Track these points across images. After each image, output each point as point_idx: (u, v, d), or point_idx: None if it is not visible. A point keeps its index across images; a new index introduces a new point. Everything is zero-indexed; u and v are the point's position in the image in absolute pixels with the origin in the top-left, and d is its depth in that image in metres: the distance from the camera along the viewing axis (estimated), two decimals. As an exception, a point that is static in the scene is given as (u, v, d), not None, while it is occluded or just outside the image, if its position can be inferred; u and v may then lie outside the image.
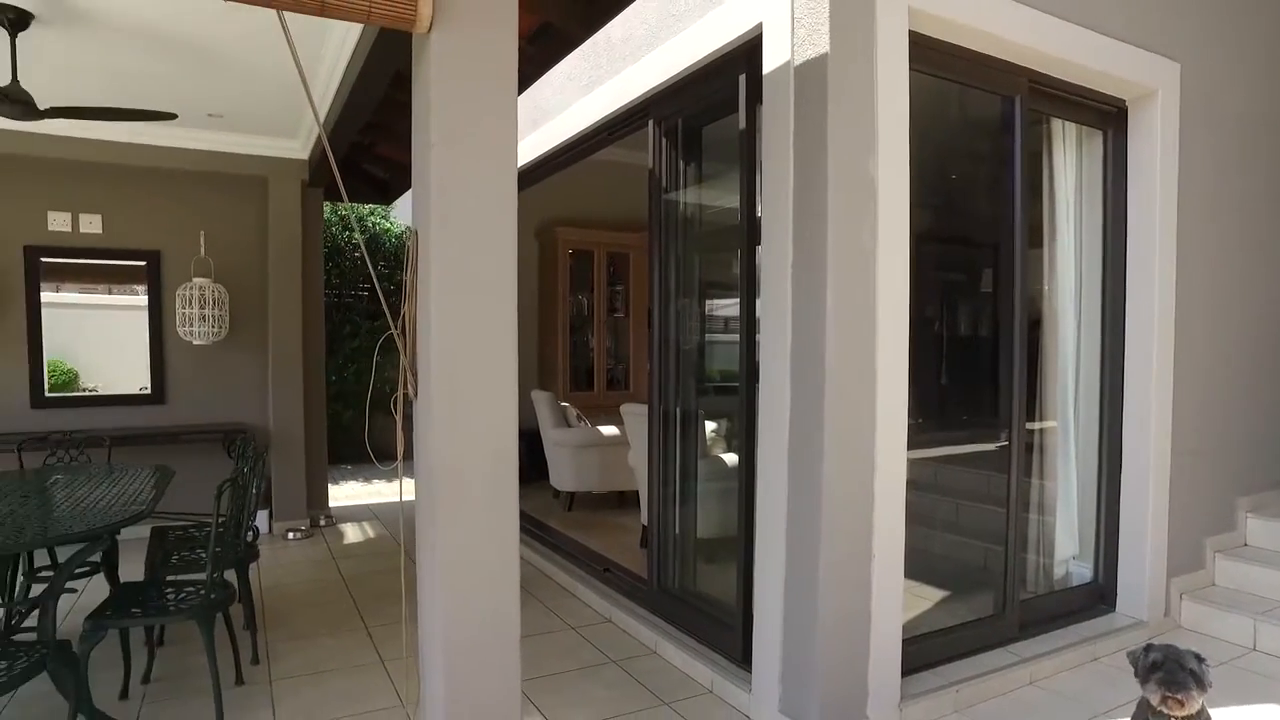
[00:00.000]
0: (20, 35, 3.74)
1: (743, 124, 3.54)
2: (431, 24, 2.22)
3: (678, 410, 4.24)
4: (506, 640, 2.46)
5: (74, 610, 4.48)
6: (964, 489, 4.34)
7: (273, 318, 6.44)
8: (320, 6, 2.07)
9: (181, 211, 6.32)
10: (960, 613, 3.93)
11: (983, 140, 4.17)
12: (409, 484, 2.65)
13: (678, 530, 4.29)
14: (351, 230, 9.66)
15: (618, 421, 6.20)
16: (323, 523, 6.81)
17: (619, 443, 6.28)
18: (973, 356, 4.40)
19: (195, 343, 6.12)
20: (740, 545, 3.57)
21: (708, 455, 4.34)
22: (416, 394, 2.41)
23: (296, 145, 6.34)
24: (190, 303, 6.04)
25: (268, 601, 4.82)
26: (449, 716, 2.40)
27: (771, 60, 3.20)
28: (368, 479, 9.10)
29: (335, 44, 4.26)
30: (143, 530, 4.57)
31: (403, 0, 2.16)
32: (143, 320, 6.34)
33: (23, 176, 5.84)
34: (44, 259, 5.93)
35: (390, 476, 9.00)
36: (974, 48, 3.46)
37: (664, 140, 4.25)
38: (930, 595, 4.03)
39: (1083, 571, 4.37)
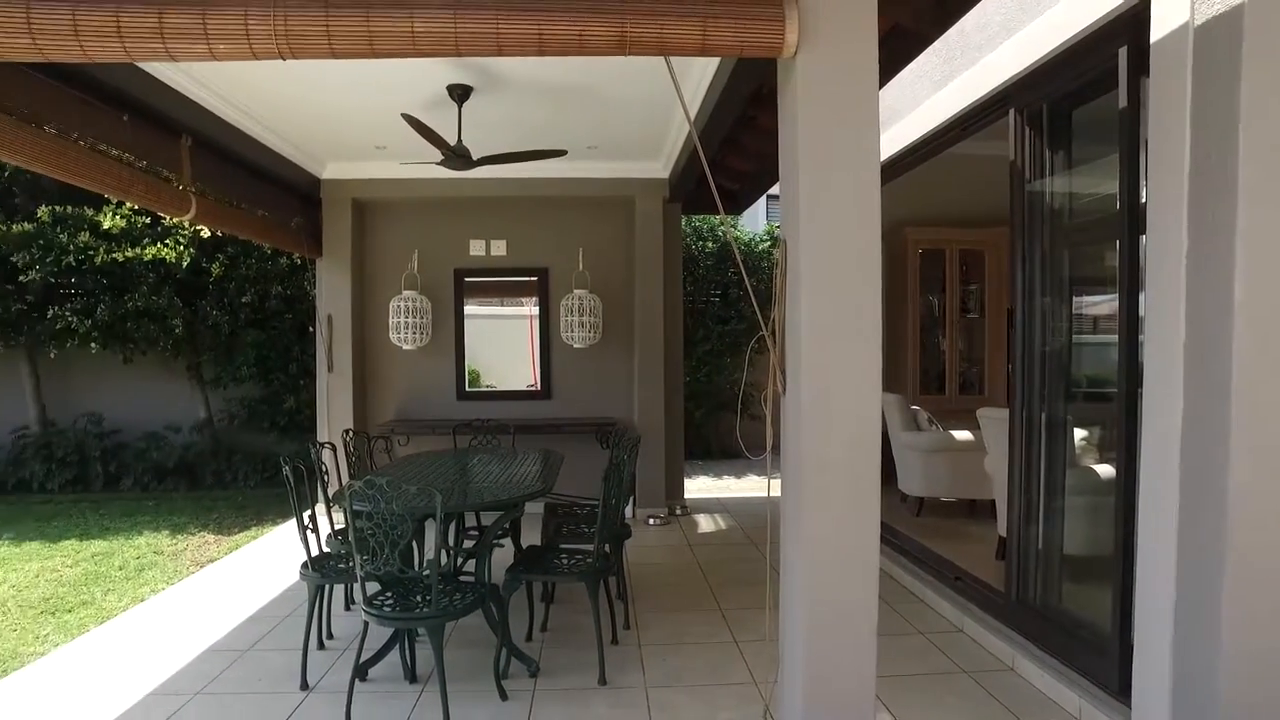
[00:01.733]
0: (464, 104, 4.71)
1: (1123, 101, 3.23)
2: (797, 49, 2.41)
3: (1042, 416, 3.97)
4: (864, 630, 2.55)
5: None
6: None
7: (638, 323, 7.19)
8: (701, 47, 2.36)
9: (564, 232, 7.34)
10: None
11: None
12: (758, 474, 2.85)
13: (1040, 543, 4.00)
14: (704, 240, 10.35)
15: (971, 426, 5.91)
16: (678, 512, 7.41)
17: (973, 448, 5.98)
18: None
19: (575, 346, 7.07)
20: (1116, 565, 3.25)
21: (1076, 465, 4.00)
22: (785, 390, 2.61)
23: (658, 166, 7.02)
24: (571, 311, 7.00)
25: (634, 576, 5.41)
26: (807, 698, 2.55)
27: (1161, 25, 2.89)
28: (718, 475, 9.67)
29: (697, 72, 4.68)
30: (535, 505, 5.41)
31: (771, 31, 2.37)
32: (524, 328, 7.50)
33: (454, 214, 7.28)
34: (466, 279, 7.32)
35: (741, 472, 9.49)
36: None
37: (1026, 129, 4.01)
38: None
39: None
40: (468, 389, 7.41)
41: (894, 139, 5.41)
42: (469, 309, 7.48)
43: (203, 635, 4.48)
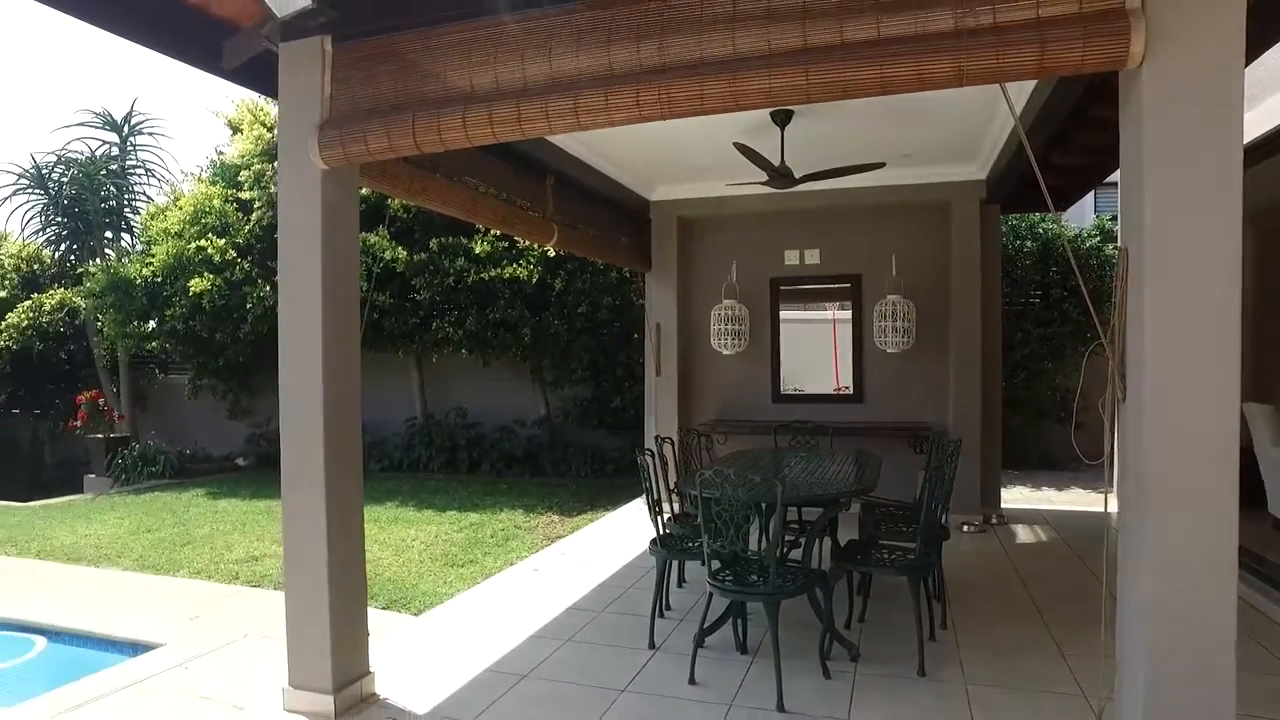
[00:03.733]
0: (786, 128, 5.10)
1: None
2: (1143, 59, 2.42)
3: None
4: (1219, 658, 2.43)
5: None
6: None
7: (953, 327, 7.10)
8: (1038, 70, 2.47)
9: (877, 239, 7.45)
10: None
11: None
12: (1083, 487, 2.83)
13: None
14: (1023, 239, 9.78)
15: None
16: (994, 521, 7.16)
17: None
18: None
19: (888, 351, 7.15)
20: None
21: None
22: (1125, 398, 2.61)
23: (974, 168, 6.86)
24: (885, 316, 7.09)
25: (950, 581, 5.38)
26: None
27: None
28: (1036, 485, 9.10)
29: (1022, 74, 4.60)
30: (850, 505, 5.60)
31: (1114, 46, 2.40)
32: (827, 332, 7.74)
33: (770, 226, 7.75)
34: (781, 287, 7.73)
35: (1063, 485, 8.86)
36: None
37: None
38: None
39: None
40: (782, 392, 7.81)
41: (1263, 116, 4.83)
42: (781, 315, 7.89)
43: (564, 596, 5.33)
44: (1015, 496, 8.49)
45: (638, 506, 8.17)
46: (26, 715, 3.71)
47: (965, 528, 6.90)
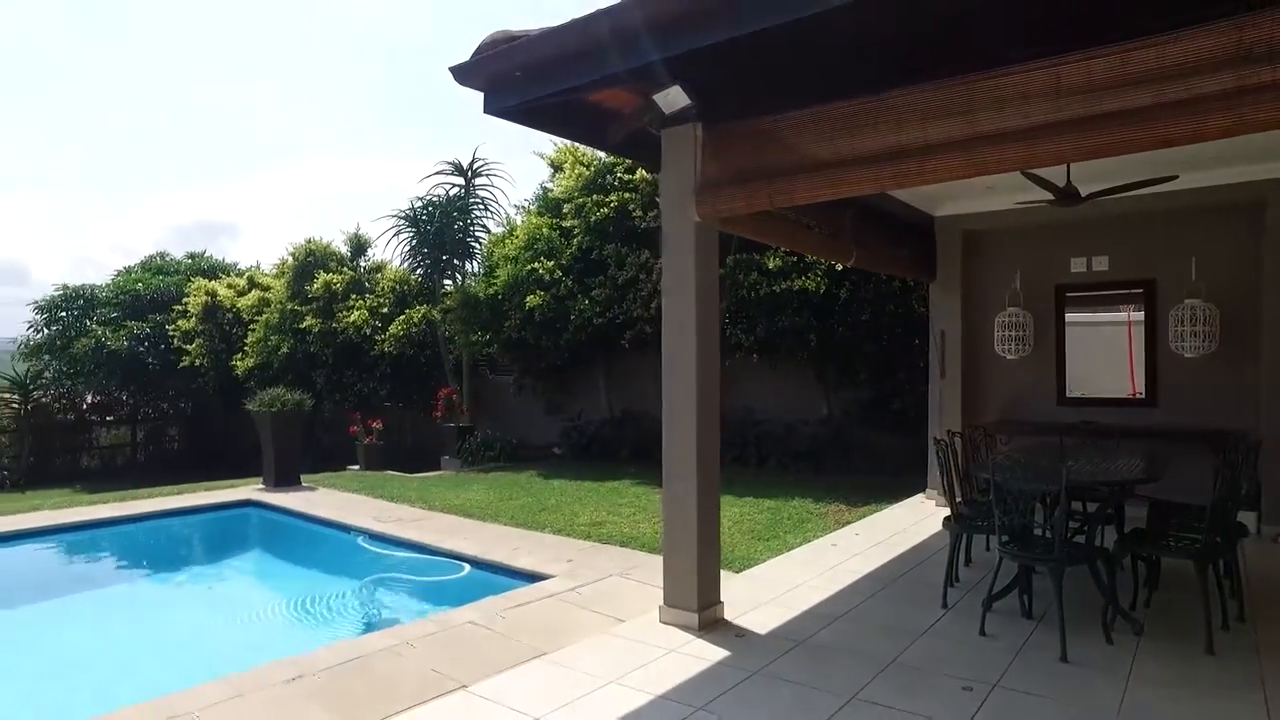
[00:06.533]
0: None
1: None
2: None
3: None
4: None
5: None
6: None
7: (1266, 331, 6.87)
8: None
9: (1173, 243, 7.42)
10: None
11: None
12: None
13: None
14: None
15: None
16: (1316, 535, 6.82)
17: None
18: None
19: (1186, 355, 7.11)
20: None
21: None
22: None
23: (1298, 163, 6.63)
24: (1182, 321, 7.08)
25: (1252, 585, 5.44)
26: None
27: None
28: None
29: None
30: (1136, 509, 5.79)
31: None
32: (1119, 335, 7.78)
33: (1055, 235, 8.01)
34: (1067, 294, 7.96)
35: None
36: None
37: None
38: None
39: None
40: (1068, 395, 8.01)
41: None
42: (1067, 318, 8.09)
43: (861, 565, 6.19)
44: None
45: (919, 500, 8.76)
46: (487, 606, 5.37)
47: (1279, 539, 6.69)
